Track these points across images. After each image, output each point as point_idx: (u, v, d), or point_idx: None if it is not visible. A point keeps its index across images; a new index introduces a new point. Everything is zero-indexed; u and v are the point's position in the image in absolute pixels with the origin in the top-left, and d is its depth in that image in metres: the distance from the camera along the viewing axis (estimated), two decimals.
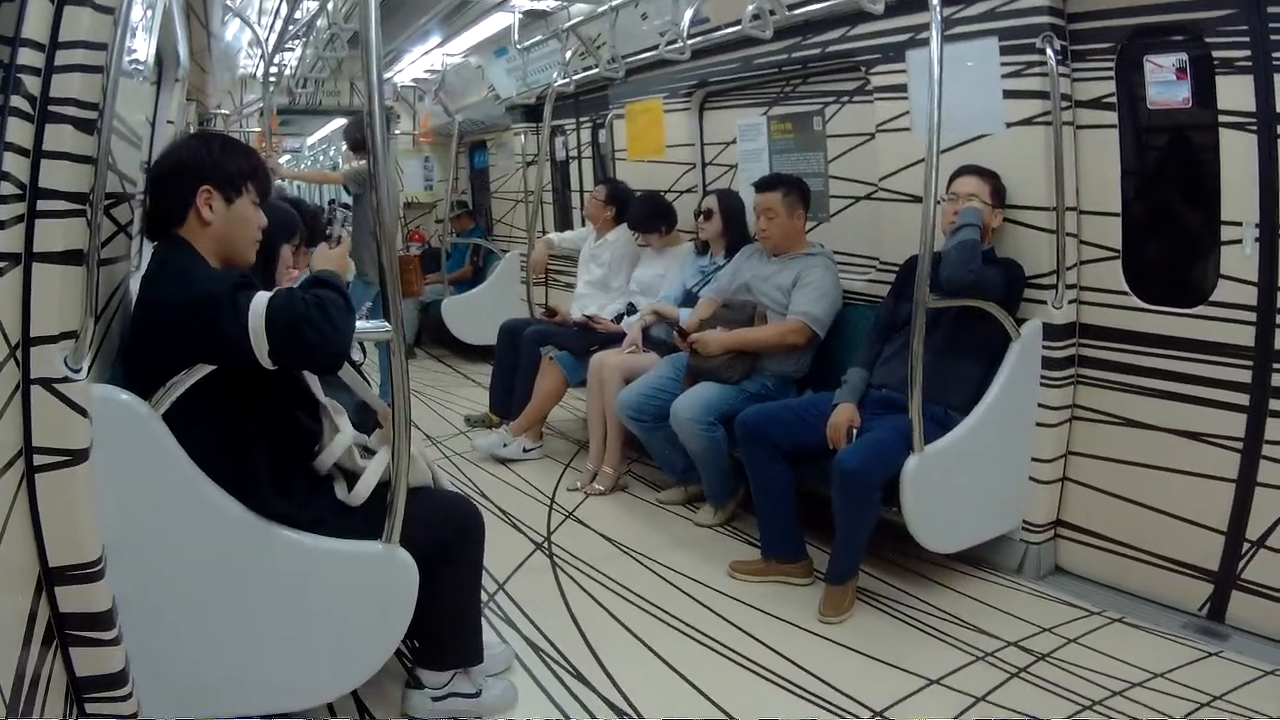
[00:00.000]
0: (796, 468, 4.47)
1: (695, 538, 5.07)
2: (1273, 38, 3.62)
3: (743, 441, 4.52)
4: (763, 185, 5.18)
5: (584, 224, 7.72)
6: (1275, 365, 3.77)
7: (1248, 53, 3.69)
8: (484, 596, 3.92)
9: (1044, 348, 4.35)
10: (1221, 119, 3.80)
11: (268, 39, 7.58)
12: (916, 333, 3.85)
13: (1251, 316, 3.80)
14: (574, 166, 9.05)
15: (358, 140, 8.00)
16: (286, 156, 10.55)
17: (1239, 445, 3.89)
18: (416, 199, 11.60)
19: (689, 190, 6.83)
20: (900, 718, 3.41)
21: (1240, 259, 3.80)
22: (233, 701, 2.85)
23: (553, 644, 3.91)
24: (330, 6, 6.66)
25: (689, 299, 5.77)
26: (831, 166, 5.68)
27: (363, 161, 7.65)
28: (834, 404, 4.41)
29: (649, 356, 5.68)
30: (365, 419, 3.39)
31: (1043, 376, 4.37)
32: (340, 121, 13.53)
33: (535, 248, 7.54)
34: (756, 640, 3.95)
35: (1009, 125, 4.36)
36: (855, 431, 4.29)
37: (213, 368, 2.65)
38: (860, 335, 4.74)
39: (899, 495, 4.03)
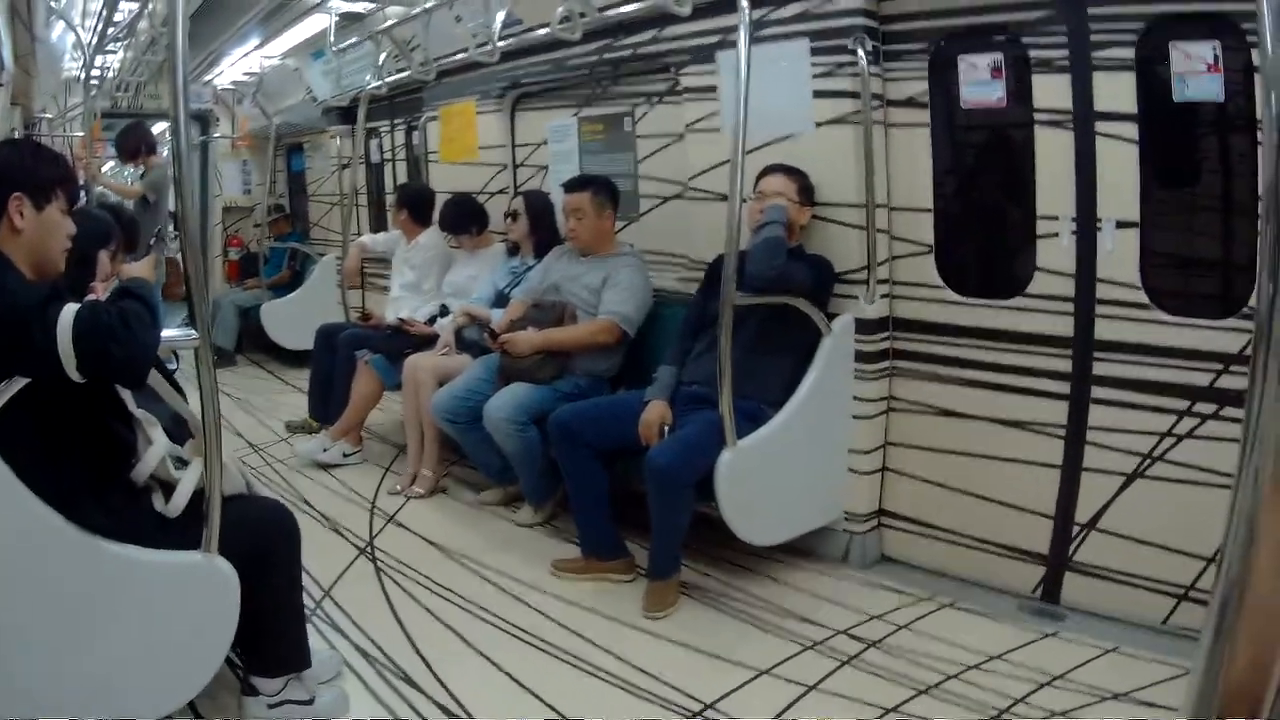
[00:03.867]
0: (611, 466, 4.29)
1: (516, 538, 4.85)
2: (1091, 38, 3.58)
3: (555, 441, 4.33)
4: (571, 186, 5.02)
5: None
6: (1096, 354, 3.74)
7: (1065, 52, 3.66)
8: (310, 603, 3.82)
9: (857, 341, 4.24)
10: (1037, 116, 3.76)
11: (90, 41, 7.15)
12: (724, 329, 3.70)
13: (1069, 307, 3.78)
14: (389, 169, 8.74)
15: (126, 147, 7.65)
16: (111, 163, 10.06)
17: (1062, 432, 3.85)
18: (235, 203, 11.19)
19: (501, 191, 6.59)
20: (731, 710, 3.26)
21: (1056, 252, 3.77)
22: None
23: (380, 649, 3.70)
24: (150, 9, 6.32)
25: (501, 300, 5.55)
26: (642, 166, 5.52)
27: (159, 169, 7.33)
28: (645, 401, 4.25)
29: (462, 359, 5.42)
30: (181, 429, 3.15)
31: (856, 370, 4.27)
32: (164, 126, 12.99)
33: (349, 252, 7.22)
34: (583, 638, 3.79)
35: (819, 124, 4.24)
36: (667, 428, 4.13)
37: (27, 381, 2.49)
38: (671, 333, 4.58)
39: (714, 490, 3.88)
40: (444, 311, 6.01)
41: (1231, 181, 3.53)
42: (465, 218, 6.20)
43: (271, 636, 3.11)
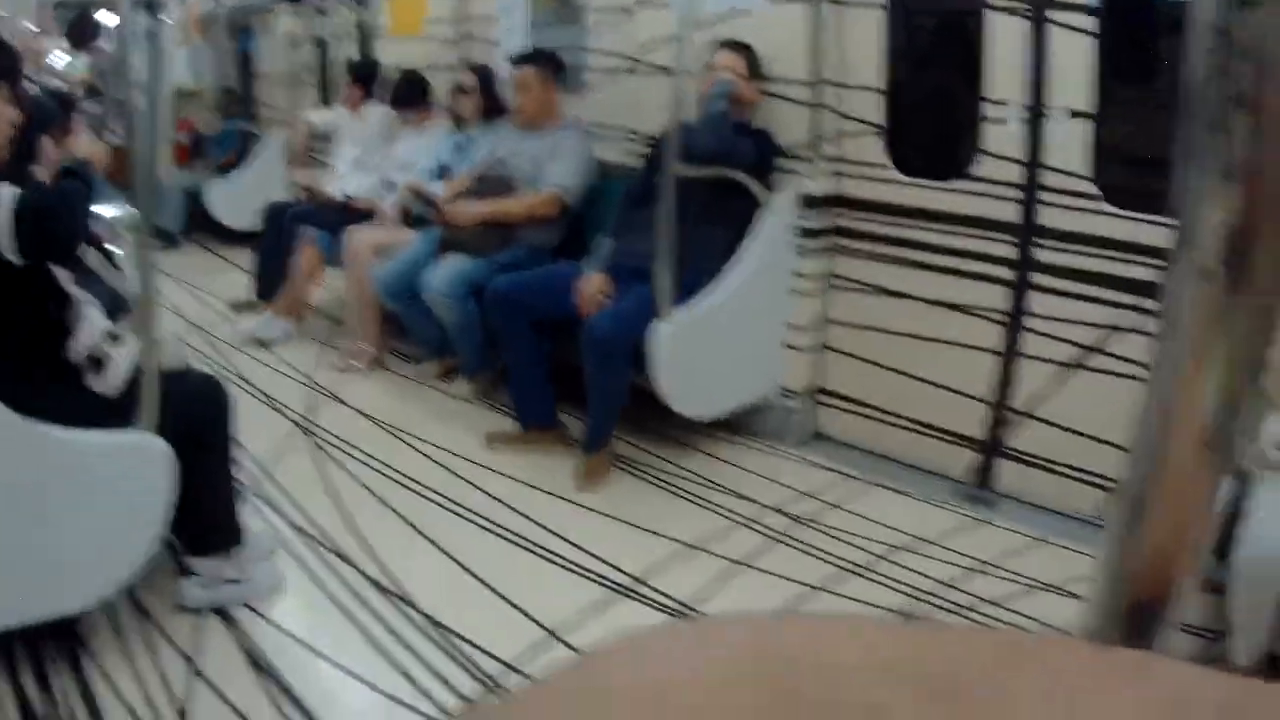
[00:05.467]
0: (549, 338, 4.19)
1: (453, 411, 4.74)
2: None
3: (493, 311, 4.23)
4: (518, 60, 4.88)
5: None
6: (1037, 240, 3.66)
7: None
8: (248, 482, 3.67)
9: (800, 217, 4.13)
10: (992, 1, 3.65)
11: None
12: (665, 201, 3.61)
13: (1014, 193, 3.69)
14: (337, 46, 8.47)
15: (75, 35, 7.40)
16: (59, 52, 9.79)
17: (1002, 317, 3.78)
18: (185, 87, 10.93)
19: (448, 67, 6.37)
20: (660, 584, 3.21)
21: (1004, 137, 3.68)
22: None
23: (317, 526, 3.60)
24: None
25: (444, 174, 5.40)
26: (591, 40, 5.31)
27: (106, 56, 7.10)
28: (584, 273, 4.15)
29: (405, 233, 5.26)
30: (120, 309, 3.08)
31: (798, 245, 4.16)
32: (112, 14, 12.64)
33: (295, 129, 7.02)
34: (516, 512, 3.71)
35: (772, 0, 4.11)
36: (606, 299, 4.03)
37: None
38: (614, 206, 4.47)
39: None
40: (388, 186, 5.84)
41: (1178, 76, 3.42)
42: (412, 93, 6.01)
43: (204, 514, 3.03)
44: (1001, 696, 0.27)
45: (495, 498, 3.82)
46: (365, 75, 6.53)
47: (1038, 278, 3.69)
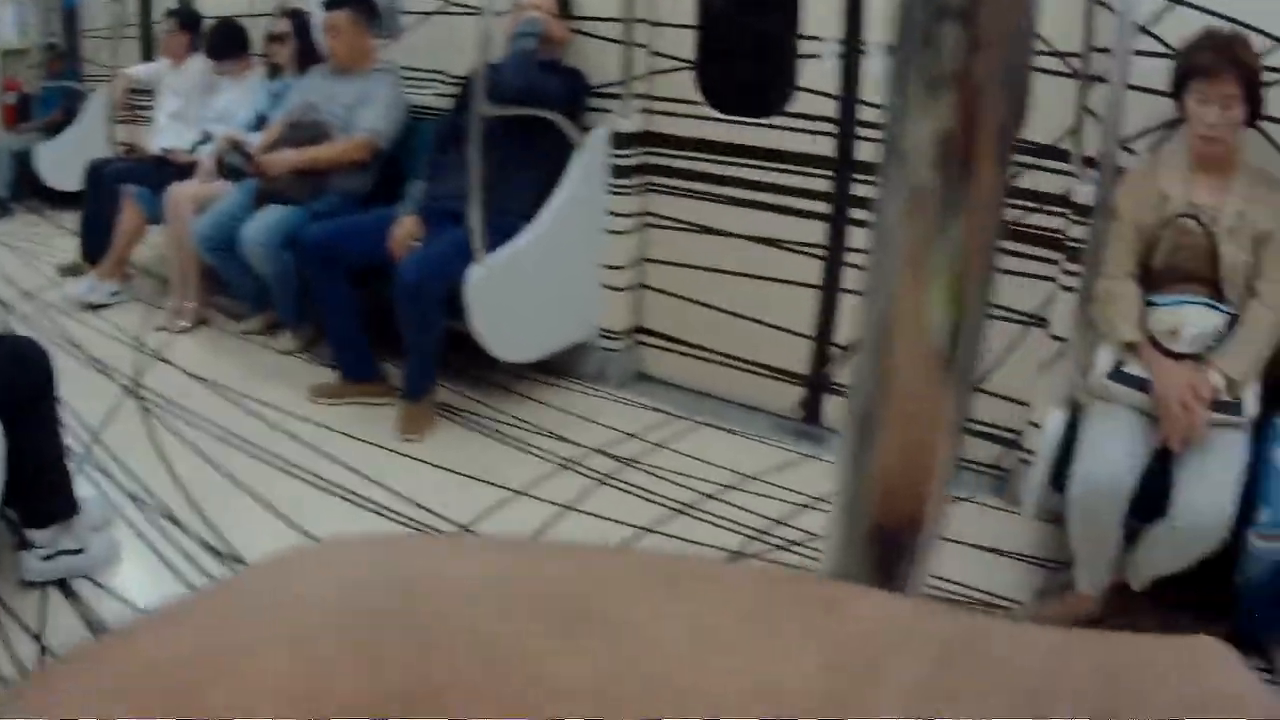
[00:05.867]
0: (365, 286, 4.09)
1: (277, 366, 4.62)
2: None
3: (307, 260, 4.13)
4: (330, 3, 4.72)
5: None
6: (854, 175, 3.66)
7: None
8: (79, 448, 3.63)
9: (612, 156, 4.08)
10: None
11: None
12: (474, 142, 3.55)
13: (831, 128, 3.69)
14: None
15: None
16: None
17: (822, 252, 3.77)
18: (10, 46, 10.51)
19: (265, 14, 6.12)
20: (486, 530, 3.16)
21: (819, 74, 3.67)
22: None
23: (149, 491, 3.50)
24: None
25: (262, 124, 5.23)
26: None
27: None
28: (397, 217, 4.07)
29: (222, 185, 5.11)
30: None
31: (611, 185, 4.11)
32: None
33: (114, 84, 6.78)
34: (342, 464, 3.65)
35: None
36: (417, 244, 3.96)
37: None
38: (427, 149, 4.40)
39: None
40: (206, 139, 5.67)
41: None
42: (229, 42, 5.80)
43: (36, 484, 2.94)
44: (639, 626, 0.25)
45: (321, 451, 3.75)
46: (189, 23, 6.26)
47: (857, 212, 3.70)
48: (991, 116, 0.42)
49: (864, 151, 3.65)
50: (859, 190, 3.68)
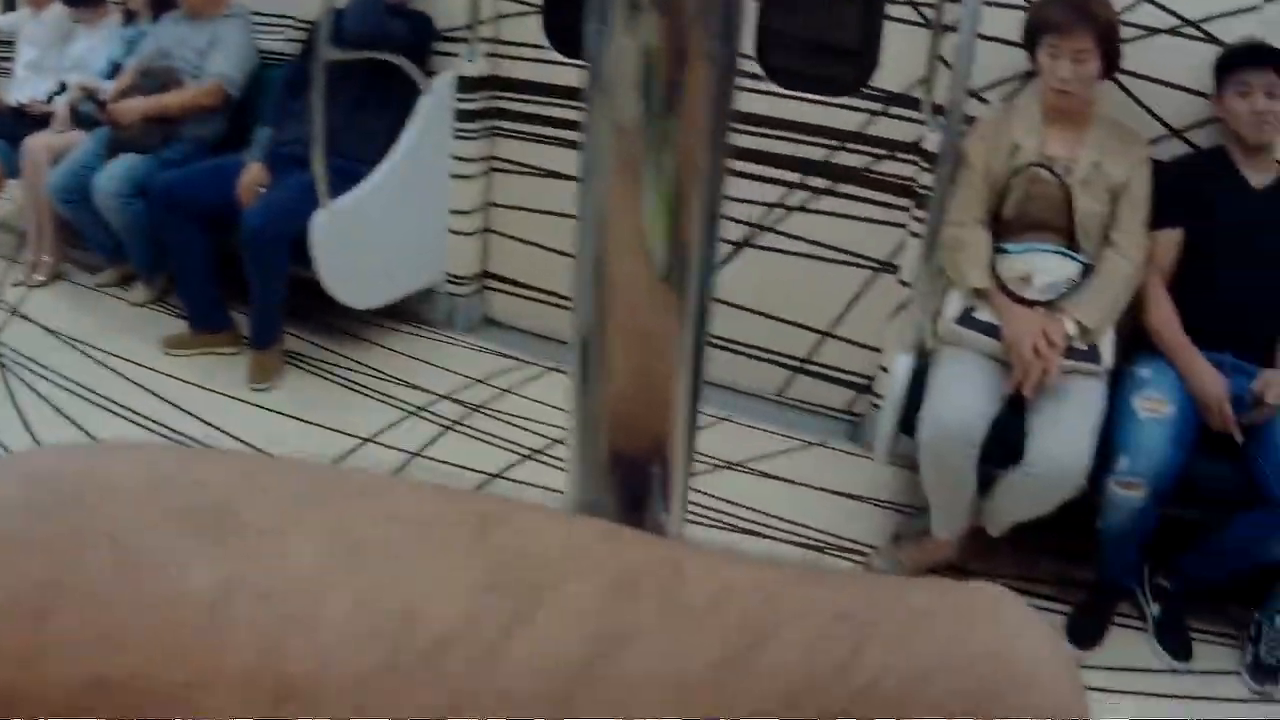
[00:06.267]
0: (216, 234, 4.00)
1: (132, 318, 4.51)
2: None
3: (156, 209, 4.03)
4: None
5: None
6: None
7: None
8: None
9: (458, 100, 4.03)
10: None
11: None
12: (317, 87, 3.47)
13: None
14: None
15: None
16: None
17: None
18: None
19: None
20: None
21: None
22: None
23: (7, 447, 3.37)
24: None
25: (118, 71, 5.04)
26: None
27: None
28: (244, 164, 3.99)
29: (78, 135, 4.95)
30: None
31: (456, 129, 4.06)
32: None
33: None
34: (194, 416, 3.60)
35: None
36: (264, 190, 3.90)
37: None
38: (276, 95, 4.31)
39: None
40: (62, 88, 5.51)
41: None
42: None
43: None
44: (278, 535, 0.25)
45: (171, 403, 3.70)
46: None
47: None
48: (699, 36, 0.41)
49: None
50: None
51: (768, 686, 0.24)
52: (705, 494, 3.26)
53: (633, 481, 0.47)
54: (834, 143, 3.56)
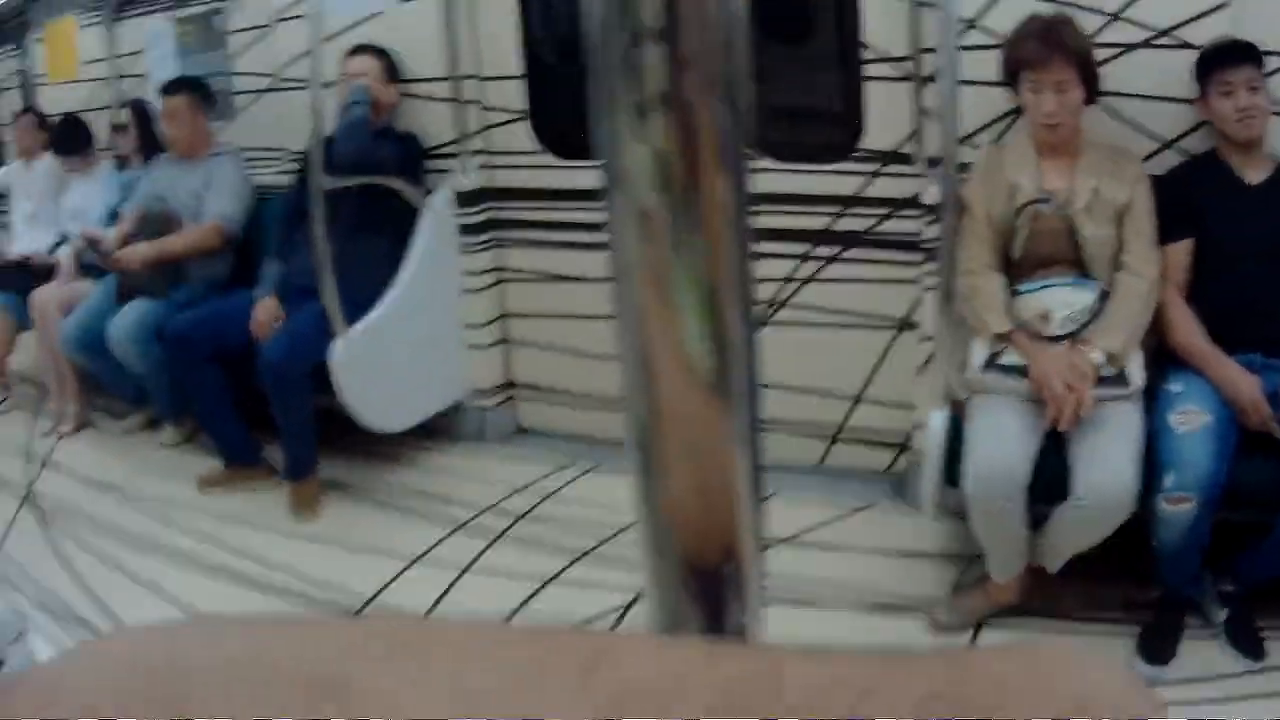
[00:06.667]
0: (235, 372, 4.03)
1: (164, 460, 4.54)
2: None
3: (173, 353, 4.06)
4: (167, 90, 4.65)
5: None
6: None
7: None
8: None
9: (457, 215, 4.07)
10: None
11: None
12: (316, 216, 3.52)
13: None
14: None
15: None
16: None
17: None
18: None
19: (107, 107, 6.02)
20: (393, 601, 3.17)
21: None
22: None
23: (56, 597, 3.44)
24: None
25: (115, 218, 5.10)
26: (234, 63, 5.14)
27: None
28: (254, 300, 4.02)
29: (85, 285, 5.01)
30: None
31: (461, 243, 4.10)
32: None
33: None
34: (239, 552, 3.60)
35: (403, 0, 4.02)
36: (279, 324, 3.92)
37: None
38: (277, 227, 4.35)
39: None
40: (63, 239, 5.55)
41: (830, 35, 3.57)
42: (75, 137, 5.66)
43: None
44: (385, 689, 0.26)
45: (217, 540, 3.70)
46: (42, 117, 6.12)
47: None
48: (710, 132, 0.41)
49: None
50: None
51: None
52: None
53: (709, 587, 0.47)
54: (835, 209, 3.59)
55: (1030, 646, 0.30)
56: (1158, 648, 2.97)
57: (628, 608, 2.98)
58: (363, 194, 3.90)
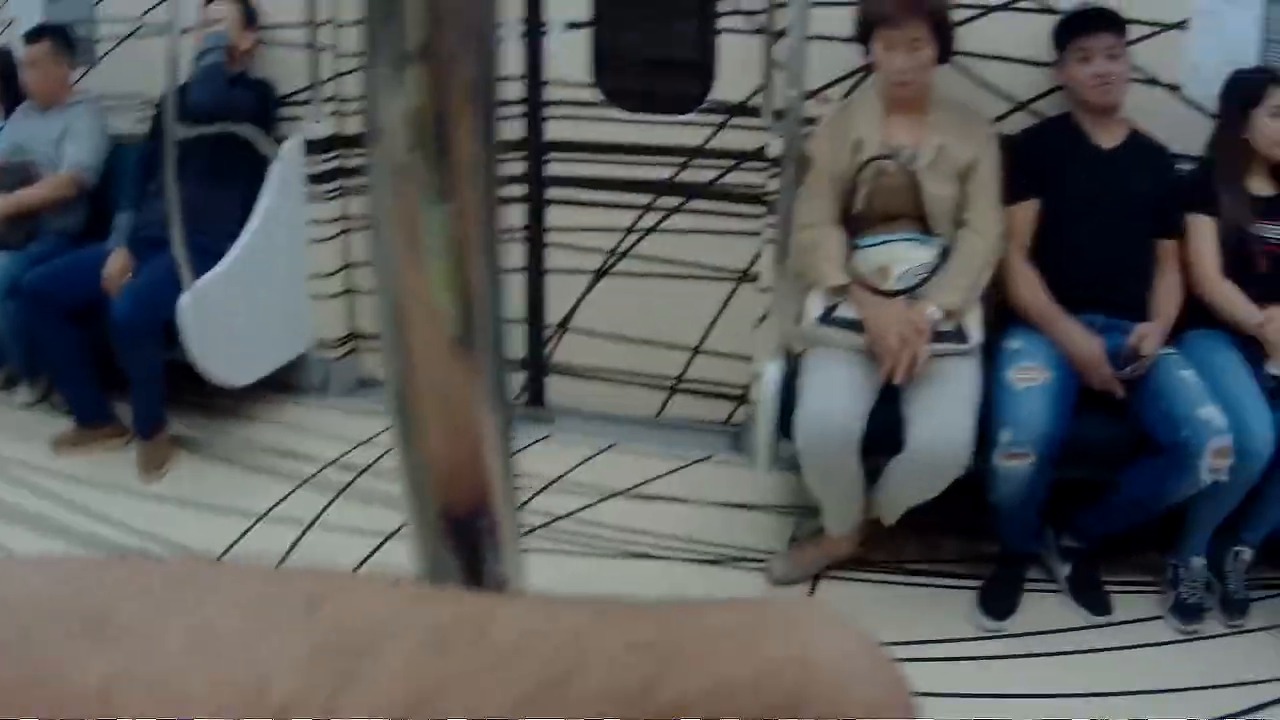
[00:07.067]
0: (89, 328, 3.89)
1: (18, 421, 4.37)
2: None
3: (28, 309, 3.92)
4: (29, 38, 4.49)
5: None
6: (550, 156, 3.65)
7: None
8: None
9: (307, 163, 3.97)
10: None
11: None
12: (169, 167, 3.40)
13: (520, 110, 3.66)
14: None
15: None
16: None
17: (523, 234, 3.73)
18: None
19: None
20: (239, 558, 3.07)
21: (504, 56, 3.60)
22: None
23: None
24: None
25: None
26: (100, 10, 4.88)
27: None
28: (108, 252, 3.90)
29: None
30: None
31: (310, 192, 4.00)
32: None
33: None
34: (90, 513, 3.52)
35: None
36: (130, 277, 3.81)
37: None
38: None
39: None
40: None
41: None
42: None
43: None
44: (145, 630, 0.27)
45: (68, 502, 3.61)
46: None
47: (553, 191, 3.68)
48: (463, 89, 0.40)
49: (555, 132, 3.63)
50: (553, 170, 3.66)
51: (576, 716, 0.26)
52: (599, 524, 3.25)
53: (466, 538, 0.47)
54: (681, 160, 3.56)
55: (762, 600, 0.30)
56: (998, 601, 3.02)
57: None
58: (216, 143, 3.82)
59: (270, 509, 3.41)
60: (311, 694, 0.26)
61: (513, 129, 3.67)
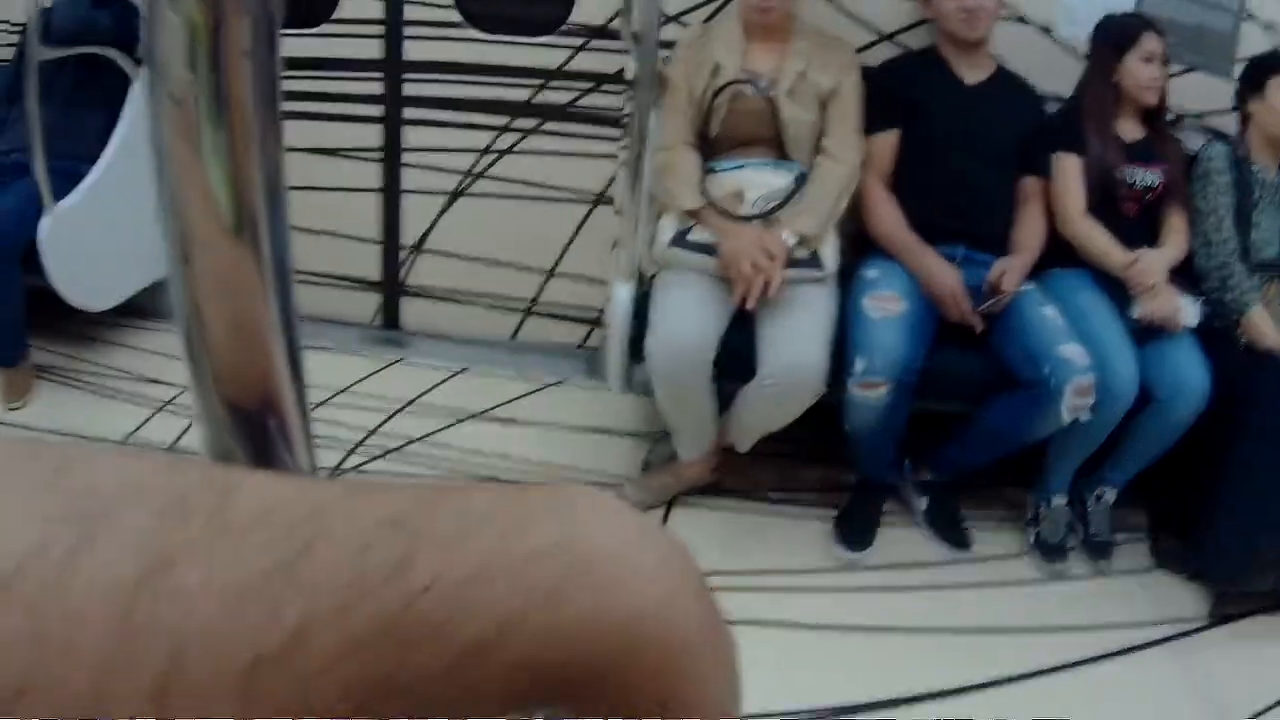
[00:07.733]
0: None
1: None
2: None
3: None
4: None
5: None
6: (407, 75, 3.61)
7: None
8: None
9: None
10: None
11: None
12: (30, 90, 3.33)
13: (379, 30, 3.61)
14: None
15: None
16: None
17: (379, 156, 3.70)
18: None
19: None
20: None
21: None
22: None
23: None
24: None
25: None
26: None
27: None
28: None
29: None
30: None
31: None
32: None
33: None
34: None
35: None
36: None
37: None
38: None
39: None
40: None
41: None
42: None
43: None
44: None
45: None
46: None
47: (410, 111, 3.64)
48: (241, 10, 0.41)
49: (413, 51, 3.60)
50: (410, 90, 3.63)
51: (318, 589, 0.25)
52: (451, 447, 3.23)
53: (252, 432, 0.49)
54: (538, 82, 3.55)
55: (531, 487, 0.29)
56: (854, 532, 3.02)
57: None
58: (80, 66, 3.75)
59: (130, 434, 3.38)
60: (48, 550, 0.25)
61: (371, 48, 3.65)
